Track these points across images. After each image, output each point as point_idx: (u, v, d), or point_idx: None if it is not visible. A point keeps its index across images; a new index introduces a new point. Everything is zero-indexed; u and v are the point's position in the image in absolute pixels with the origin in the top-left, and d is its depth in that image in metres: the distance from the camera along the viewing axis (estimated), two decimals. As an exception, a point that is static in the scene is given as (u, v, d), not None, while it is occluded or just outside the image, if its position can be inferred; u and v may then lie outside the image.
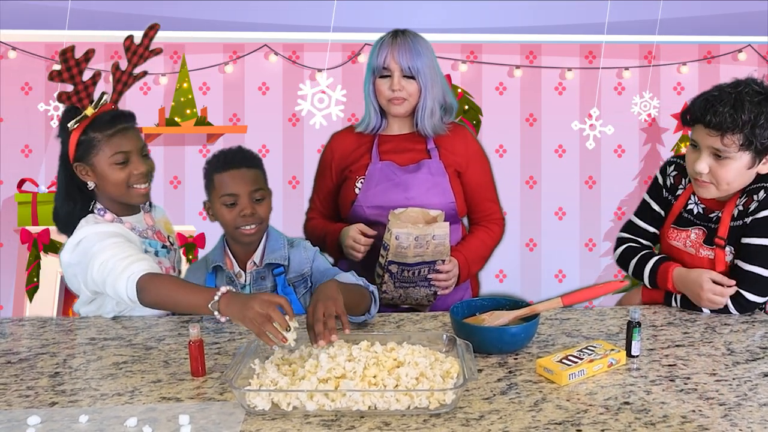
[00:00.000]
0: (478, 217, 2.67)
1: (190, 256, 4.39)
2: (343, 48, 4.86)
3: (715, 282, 2.21)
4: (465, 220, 2.72)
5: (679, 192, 2.37)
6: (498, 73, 4.98)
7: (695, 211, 2.32)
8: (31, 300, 4.24)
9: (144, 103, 4.78)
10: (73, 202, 2.28)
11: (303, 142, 4.90)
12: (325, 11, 4.66)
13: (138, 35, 2.33)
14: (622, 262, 2.47)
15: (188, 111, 4.68)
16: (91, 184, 2.23)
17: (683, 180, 2.37)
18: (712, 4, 4.82)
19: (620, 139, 4.95)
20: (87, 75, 2.29)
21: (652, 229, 2.46)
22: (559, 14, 4.86)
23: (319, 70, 4.82)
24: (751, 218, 2.21)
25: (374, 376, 1.65)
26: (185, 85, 4.69)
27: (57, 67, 2.23)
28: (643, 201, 2.49)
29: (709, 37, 4.88)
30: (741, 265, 2.23)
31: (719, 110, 2.05)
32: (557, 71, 4.99)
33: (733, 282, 2.21)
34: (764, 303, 2.26)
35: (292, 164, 4.90)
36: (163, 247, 2.35)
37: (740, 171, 2.14)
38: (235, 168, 2.25)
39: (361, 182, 2.59)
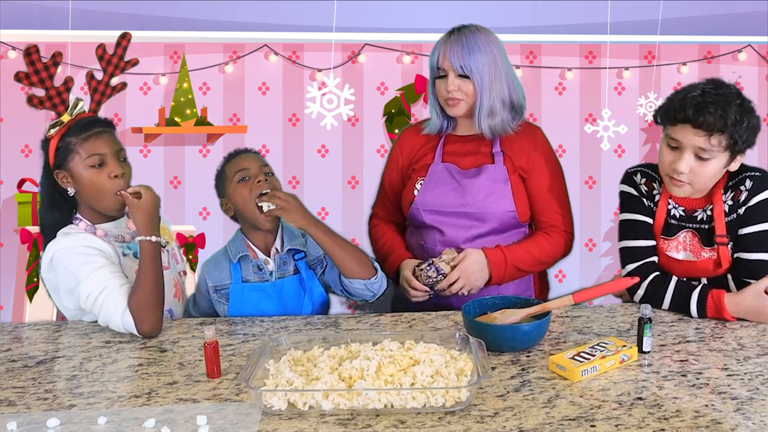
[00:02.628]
0: (538, 226, 2.56)
1: (190, 256, 4.37)
2: (343, 48, 4.86)
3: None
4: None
5: (657, 197, 2.34)
6: (498, 73, 4.97)
7: (677, 215, 2.32)
8: (31, 300, 4.22)
9: (144, 103, 4.78)
10: (58, 211, 2.27)
11: (303, 142, 4.90)
12: (325, 11, 4.65)
13: (110, 45, 2.32)
14: (652, 299, 2.27)
15: (188, 111, 4.67)
16: (71, 191, 2.22)
17: (654, 184, 2.35)
18: (712, 4, 4.83)
19: (620, 139, 4.96)
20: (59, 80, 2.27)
21: (652, 243, 2.35)
22: (559, 14, 4.87)
23: (319, 70, 4.82)
24: (744, 208, 2.23)
25: (391, 375, 1.65)
26: (185, 85, 4.68)
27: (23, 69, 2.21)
28: (626, 222, 2.38)
29: (709, 37, 4.89)
30: (744, 257, 2.23)
31: (710, 111, 2.07)
32: (557, 71, 5.00)
33: None
34: None
35: (292, 164, 4.89)
36: None
37: (718, 170, 2.17)
38: (243, 154, 2.42)
39: (420, 183, 2.52)
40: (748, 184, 2.23)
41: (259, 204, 2.30)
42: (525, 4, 4.87)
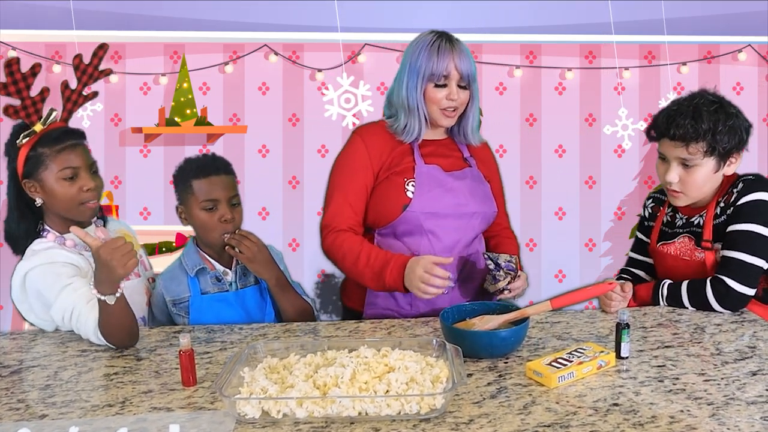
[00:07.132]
0: (495, 229, 2.59)
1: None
2: (343, 48, 4.86)
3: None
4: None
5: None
6: (498, 73, 4.98)
7: (680, 223, 2.42)
8: (31, 300, 4.24)
9: (144, 103, 4.80)
10: (26, 222, 2.23)
11: (303, 142, 4.90)
12: (326, 11, 4.66)
13: (87, 55, 2.32)
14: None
15: (188, 111, 4.68)
16: (38, 201, 2.19)
17: (660, 208, 2.54)
18: (712, 4, 4.81)
19: (620, 139, 4.95)
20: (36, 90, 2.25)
21: (641, 258, 2.61)
22: (559, 14, 4.86)
23: (319, 70, 4.82)
24: (732, 208, 2.28)
25: (365, 382, 1.65)
26: (185, 85, 4.70)
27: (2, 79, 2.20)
28: (636, 236, 2.65)
29: (709, 37, 4.87)
30: (724, 253, 2.28)
31: (680, 123, 2.20)
32: (557, 71, 4.98)
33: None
34: (749, 296, 2.25)
35: (292, 164, 4.90)
36: None
37: (708, 176, 2.27)
38: (214, 174, 2.34)
39: (412, 185, 2.37)
40: (740, 186, 2.29)
41: (226, 242, 2.30)
42: (525, 4, 4.86)
